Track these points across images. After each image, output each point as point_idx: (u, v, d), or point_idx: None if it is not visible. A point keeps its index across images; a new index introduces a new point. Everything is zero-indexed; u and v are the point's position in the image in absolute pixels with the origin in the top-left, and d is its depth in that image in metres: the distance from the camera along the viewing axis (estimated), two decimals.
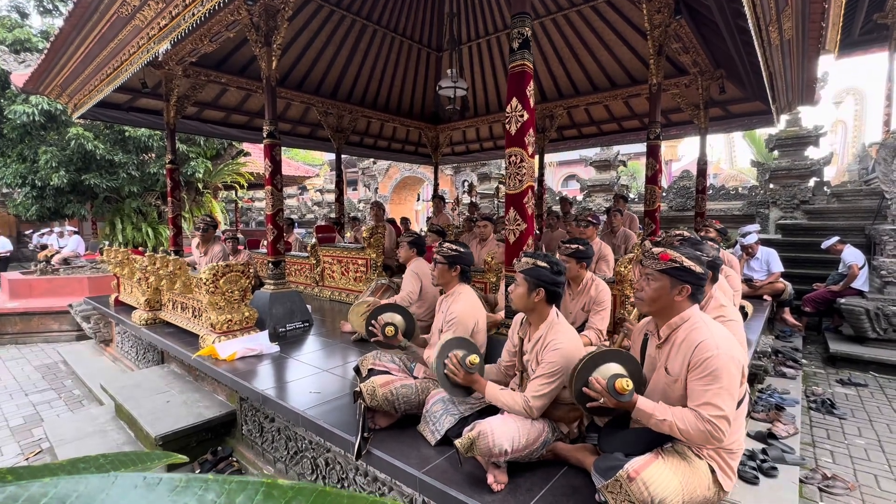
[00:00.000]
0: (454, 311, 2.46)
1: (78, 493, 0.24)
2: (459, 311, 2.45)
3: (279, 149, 4.30)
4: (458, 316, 2.43)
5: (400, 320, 2.55)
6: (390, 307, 2.64)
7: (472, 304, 2.53)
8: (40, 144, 8.13)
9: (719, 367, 1.51)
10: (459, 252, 2.62)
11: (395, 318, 2.55)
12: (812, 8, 3.59)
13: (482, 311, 2.59)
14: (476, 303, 2.57)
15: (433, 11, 7.36)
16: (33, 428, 4.05)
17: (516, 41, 2.67)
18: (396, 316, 2.57)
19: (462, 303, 2.50)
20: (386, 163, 17.38)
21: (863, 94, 17.60)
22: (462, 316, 2.43)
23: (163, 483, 0.25)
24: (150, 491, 0.25)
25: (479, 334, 2.50)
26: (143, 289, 4.64)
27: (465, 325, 2.42)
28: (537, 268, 2.01)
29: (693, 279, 1.68)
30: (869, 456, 3.23)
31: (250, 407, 3.14)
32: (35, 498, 0.24)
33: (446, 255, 2.61)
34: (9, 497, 0.24)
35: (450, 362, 2.03)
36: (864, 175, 8.39)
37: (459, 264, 2.63)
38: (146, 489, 0.25)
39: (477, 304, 2.57)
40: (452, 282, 2.64)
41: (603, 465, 1.62)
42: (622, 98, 7.23)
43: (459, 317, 2.43)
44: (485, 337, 2.57)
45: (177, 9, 3.27)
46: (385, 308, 2.62)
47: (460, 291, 2.59)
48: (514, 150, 2.74)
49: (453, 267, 2.62)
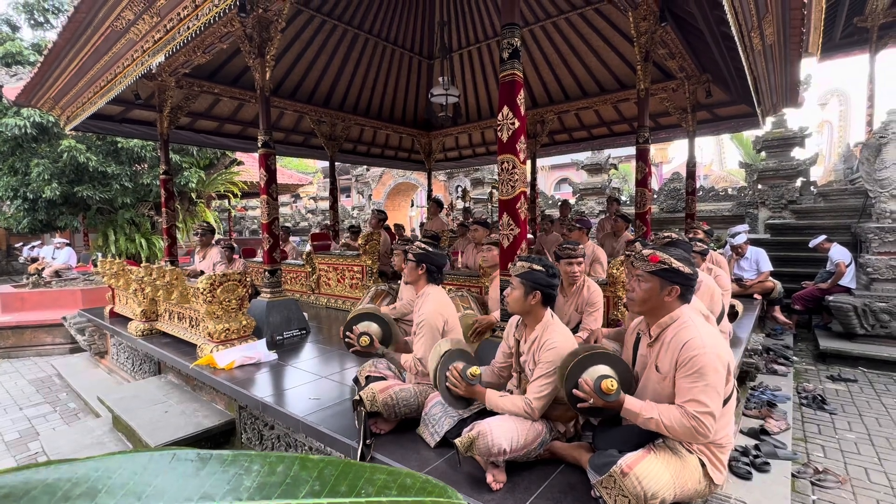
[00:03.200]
0: (422, 313, 2.47)
1: (136, 468, 0.29)
2: (427, 313, 2.45)
3: (274, 158, 4.34)
4: (425, 317, 2.43)
5: (376, 329, 2.58)
6: (367, 316, 2.66)
7: (440, 304, 2.51)
8: (32, 157, 8.11)
9: (705, 365, 1.57)
10: (427, 251, 2.59)
11: (371, 327, 2.58)
12: (792, 14, 3.71)
13: (451, 309, 2.57)
14: (444, 302, 2.55)
15: (424, 20, 7.46)
16: (29, 442, 4.03)
17: (506, 51, 2.74)
18: (372, 325, 2.60)
19: (429, 303, 2.49)
20: (379, 169, 17.43)
21: (847, 96, 17.94)
22: (429, 317, 2.43)
23: (213, 458, 0.29)
24: (205, 464, 0.29)
25: (451, 333, 2.49)
26: (139, 300, 4.64)
27: (434, 326, 2.42)
28: (533, 271, 2.06)
29: (682, 280, 1.74)
30: (859, 450, 3.30)
31: (249, 415, 3.16)
32: (88, 476, 0.28)
33: (415, 252, 2.59)
34: (62, 477, 0.28)
35: (451, 375, 2.06)
36: (850, 175, 8.57)
37: (426, 263, 2.58)
38: (200, 463, 0.30)
39: (445, 303, 2.55)
40: (420, 280, 2.61)
41: (598, 461, 1.67)
42: (611, 103, 7.35)
43: (427, 318, 2.43)
44: (460, 335, 2.56)
45: (171, 22, 3.31)
46: (361, 317, 2.64)
47: (428, 293, 2.57)
48: (506, 157, 2.80)
49: (420, 265, 2.58)
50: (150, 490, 0.27)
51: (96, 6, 3.53)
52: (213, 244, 5.74)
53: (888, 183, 5.32)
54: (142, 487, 0.27)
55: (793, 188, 8.30)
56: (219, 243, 5.67)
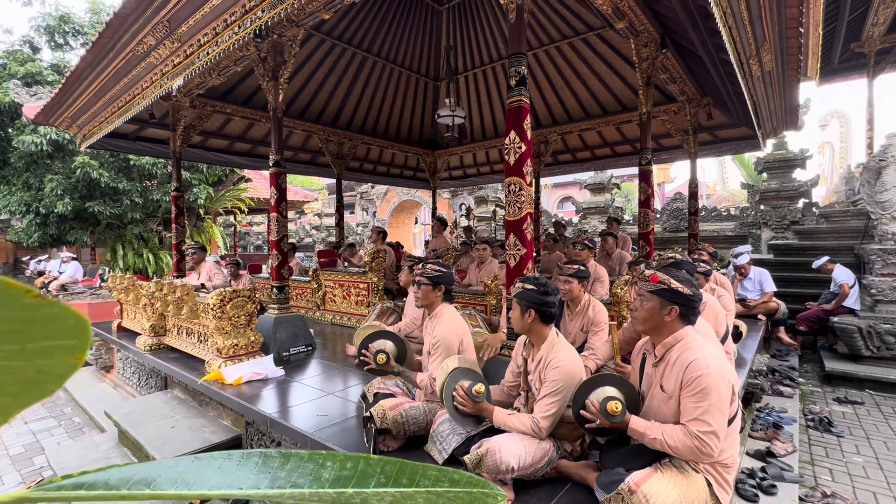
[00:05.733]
0: (437, 333, 2.49)
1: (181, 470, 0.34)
2: (443, 333, 2.47)
3: (284, 177, 4.45)
4: (441, 338, 2.46)
5: (391, 347, 2.60)
6: (381, 334, 2.70)
7: (456, 324, 2.55)
8: (46, 173, 8.30)
9: (709, 385, 1.60)
10: (442, 272, 2.65)
11: (387, 345, 2.60)
12: (789, 42, 3.83)
13: (466, 329, 2.61)
14: (459, 321, 2.59)
15: (431, 44, 7.68)
16: (34, 456, 4.04)
17: (513, 79, 2.84)
18: (388, 343, 2.62)
19: (445, 324, 2.52)
20: (384, 186, 17.63)
21: (847, 118, 18.16)
22: (446, 337, 2.46)
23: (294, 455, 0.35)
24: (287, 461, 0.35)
25: (465, 352, 2.52)
26: (148, 314, 4.69)
27: (450, 346, 2.45)
28: (525, 290, 2.12)
29: (682, 300, 1.79)
30: (867, 474, 3.27)
31: (256, 431, 3.18)
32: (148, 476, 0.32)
33: (430, 275, 2.62)
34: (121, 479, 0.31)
35: (457, 394, 2.09)
36: (851, 196, 8.64)
37: (443, 284, 2.63)
38: (283, 459, 0.35)
39: (460, 323, 2.59)
40: (437, 302, 2.64)
41: (605, 479, 1.69)
42: (614, 124, 7.49)
43: (443, 338, 2.46)
44: (474, 355, 2.60)
45: (192, 48, 3.46)
46: (376, 335, 2.68)
47: (443, 312, 2.60)
48: (513, 180, 2.88)
49: (437, 287, 2.62)
50: (238, 481, 0.33)
51: (120, 31, 3.69)
52: (205, 261, 5.98)
53: (889, 205, 5.38)
54: (231, 479, 0.33)
55: (795, 209, 8.36)
56: (224, 258, 5.82)
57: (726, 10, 2.84)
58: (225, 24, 3.18)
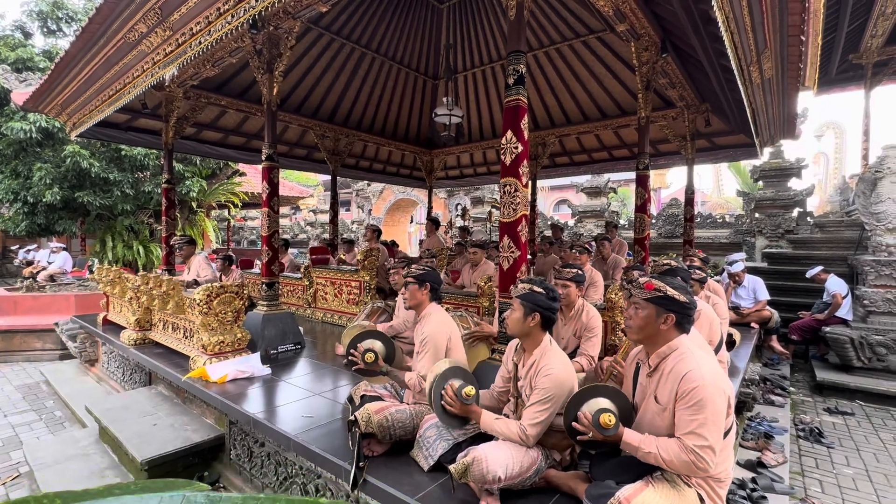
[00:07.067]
0: (425, 331, 2.47)
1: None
2: (430, 332, 2.45)
3: (277, 172, 4.37)
4: (429, 336, 2.43)
5: (380, 347, 2.56)
6: (370, 334, 2.65)
7: (444, 322, 2.53)
8: (35, 161, 8.14)
9: (705, 398, 1.55)
10: (426, 270, 2.63)
11: (375, 344, 2.57)
12: (790, 51, 3.80)
13: (454, 327, 2.58)
14: (447, 320, 2.57)
15: (430, 42, 7.61)
16: (12, 451, 3.93)
17: (512, 77, 2.79)
18: (376, 343, 2.58)
19: (433, 322, 2.50)
20: (380, 185, 17.55)
21: (842, 129, 18.30)
22: (433, 335, 2.43)
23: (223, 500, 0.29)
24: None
25: (453, 351, 2.48)
26: (133, 308, 4.60)
27: (438, 345, 2.42)
28: (533, 293, 2.06)
29: (678, 308, 1.74)
30: (857, 486, 3.25)
31: (240, 431, 3.10)
32: None
33: (415, 274, 2.60)
34: None
35: (446, 394, 2.04)
36: (846, 206, 8.67)
37: (429, 282, 2.60)
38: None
39: (447, 321, 2.56)
40: (424, 301, 2.61)
41: (595, 492, 1.64)
42: (612, 128, 7.47)
43: (431, 337, 2.43)
44: (462, 353, 2.57)
45: (184, 37, 3.37)
46: (365, 335, 2.63)
47: (430, 312, 2.58)
48: (508, 180, 2.82)
49: (423, 285, 2.59)
50: None
51: (111, 18, 3.60)
52: (195, 255, 5.90)
53: (884, 217, 5.38)
54: None
55: (790, 218, 8.38)
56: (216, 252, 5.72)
57: (729, 15, 2.80)
58: (218, 13, 3.10)
